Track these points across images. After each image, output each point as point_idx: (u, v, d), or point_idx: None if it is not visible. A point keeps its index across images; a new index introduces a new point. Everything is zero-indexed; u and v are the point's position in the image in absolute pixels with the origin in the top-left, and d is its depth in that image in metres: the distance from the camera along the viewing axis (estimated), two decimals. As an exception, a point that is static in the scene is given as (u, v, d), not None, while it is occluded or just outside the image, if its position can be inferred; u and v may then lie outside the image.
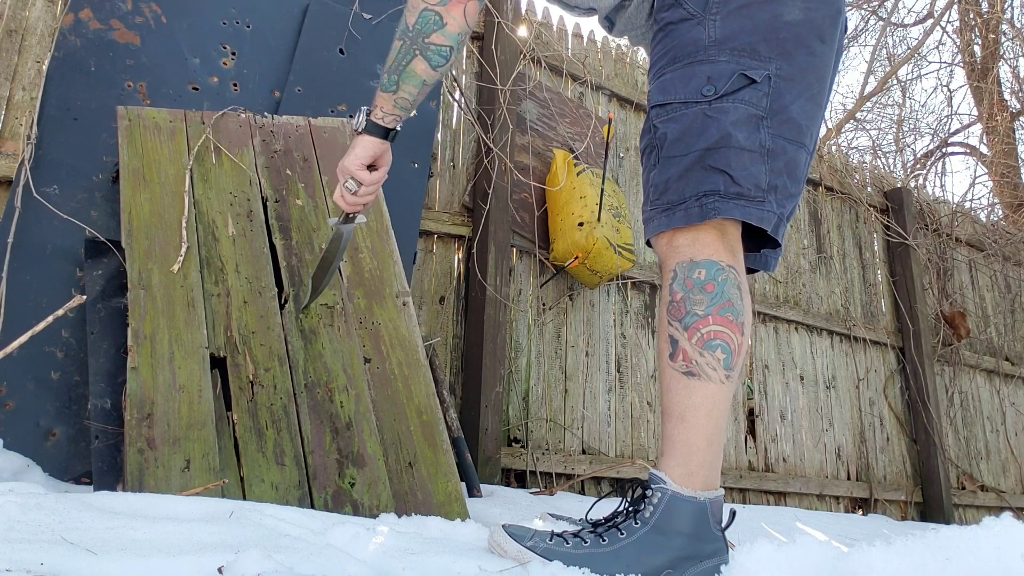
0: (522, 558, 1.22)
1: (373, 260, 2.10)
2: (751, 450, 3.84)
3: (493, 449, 2.84)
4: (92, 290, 2.03)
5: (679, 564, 1.23)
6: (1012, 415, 5.21)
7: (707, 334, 1.32)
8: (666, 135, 1.42)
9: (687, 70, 1.42)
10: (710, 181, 1.38)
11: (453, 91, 3.25)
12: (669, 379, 1.33)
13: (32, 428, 2.01)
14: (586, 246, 3.05)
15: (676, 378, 1.33)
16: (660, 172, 1.43)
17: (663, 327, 1.37)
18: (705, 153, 1.38)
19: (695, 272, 1.36)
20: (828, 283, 4.53)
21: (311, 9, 2.75)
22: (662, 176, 1.42)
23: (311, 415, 1.78)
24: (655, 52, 1.51)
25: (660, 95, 1.45)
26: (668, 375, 1.34)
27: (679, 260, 1.38)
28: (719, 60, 1.41)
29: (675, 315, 1.35)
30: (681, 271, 1.37)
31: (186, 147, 2.11)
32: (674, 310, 1.36)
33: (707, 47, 1.42)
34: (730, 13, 1.43)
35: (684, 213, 1.39)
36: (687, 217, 1.39)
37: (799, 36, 1.42)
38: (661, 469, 1.30)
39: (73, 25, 2.37)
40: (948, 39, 12.05)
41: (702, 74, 1.41)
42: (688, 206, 1.39)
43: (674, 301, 1.36)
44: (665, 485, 1.27)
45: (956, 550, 0.75)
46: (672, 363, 1.33)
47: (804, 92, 1.44)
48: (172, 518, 1.14)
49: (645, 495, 1.30)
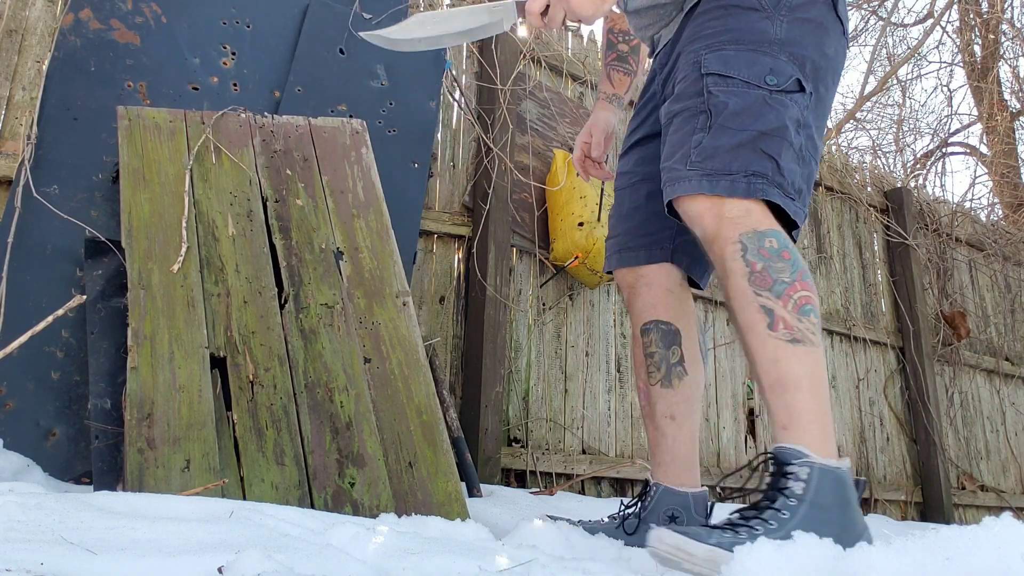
0: (715, 558, 1.13)
1: (373, 260, 2.10)
2: (751, 450, 3.84)
3: (493, 449, 2.84)
4: (92, 290, 2.03)
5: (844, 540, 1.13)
6: (1012, 415, 5.21)
7: (799, 300, 1.33)
8: (726, 104, 1.43)
9: (752, 55, 1.47)
10: (760, 163, 1.41)
11: (453, 91, 3.25)
12: (775, 349, 1.31)
13: (32, 428, 2.01)
14: (586, 246, 3.05)
15: (783, 347, 1.30)
16: (711, 138, 1.43)
17: (748, 298, 1.34)
18: (760, 136, 1.41)
19: (766, 241, 1.36)
20: (828, 283, 4.53)
21: (311, 9, 2.75)
22: (713, 142, 1.43)
23: (311, 415, 1.78)
24: (709, 26, 1.54)
25: (721, 66, 1.47)
26: (772, 345, 1.31)
27: (741, 231, 1.37)
28: (780, 58, 1.48)
29: (762, 284, 1.33)
30: (750, 241, 1.36)
31: (186, 147, 2.11)
32: (759, 280, 1.34)
33: (771, 42, 1.48)
34: (795, 21, 1.50)
35: (729, 184, 1.40)
36: (731, 189, 1.39)
37: (831, 70, 1.54)
38: (797, 442, 1.25)
39: (73, 25, 2.37)
40: (948, 39, 12.05)
41: (765, 64, 1.46)
42: (735, 179, 1.40)
43: (754, 271, 1.34)
44: (810, 458, 1.23)
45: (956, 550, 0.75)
46: (774, 332, 1.31)
47: (821, 120, 1.54)
48: (172, 518, 1.14)
49: (786, 472, 1.24)
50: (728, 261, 1.38)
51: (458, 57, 3.32)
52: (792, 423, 1.27)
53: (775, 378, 1.31)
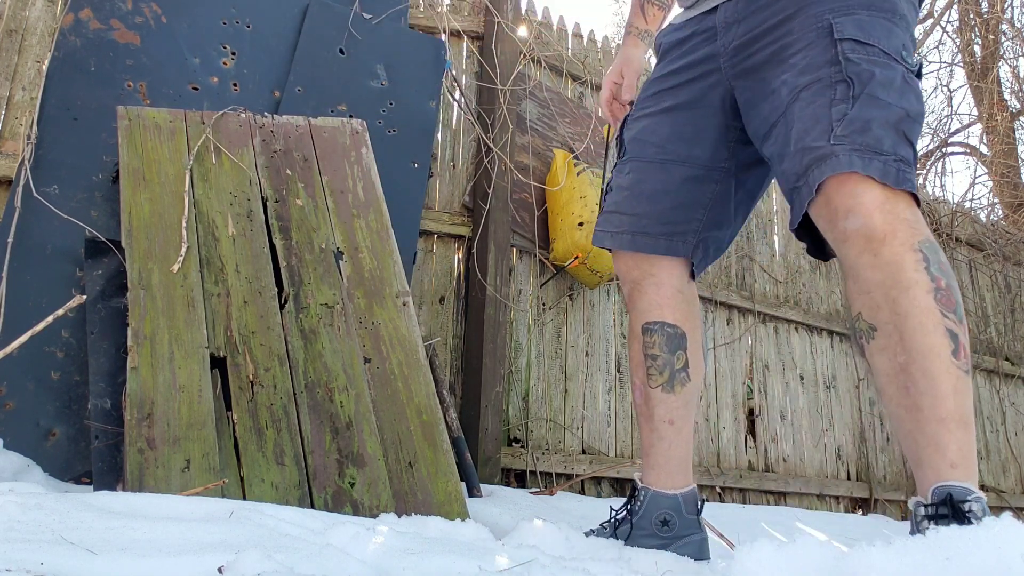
0: None
1: (373, 260, 2.10)
2: (751, 450, 3.84)
3: (493, 449, 2.84)
4: (92, 290, 2.03)
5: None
6: (1012, 415, 5.21)
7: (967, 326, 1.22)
8: (872, 74, 1.27)
9: (887, 25, 1.33)
10: (903, 148, 1.26)
11: (453, 91, 3.25)
12: (956, 380, 1.17)
13: (32, 428, 2.01)
14: (586, 246, 3.05)
15: (963, 379, 1.18)
16: (859, 109, 1.26)
17: (935, 319, 1.18)
18: (905, 117, 1.27)
19: (941, 254, 1.22)
20: (828, 283, 4.53)
21: (311, 9, 2.75)
22: (862, 113, 1.25)
23: (311, 415, 1.78)
24: None
25: (858, 31, 1.31)
26: (955, 375, 1.17)
27: (919, 238, 1.22)
28: (906, 36, 1.35)
29: (948, 305, 1.19)
30: (930, 252, 1.21)
31: (186, 147, 2.11)
32: (944, 299, 1.19)
33: (900, 16, 1.35)
34: (912, 6, 1.39)
35: (882, 166, 1.23)
36: (884, 172, 1.23)
37: None
38: (965, 481, 1.15)
39: (73, 25, 2.37)
40: (948, 39, 12.05)
41: (900, 38, 1.33)
42: (887, 162, 1.24)
43: (939, 288, 1.19)
44: (979, 496, 1.14)
45: (956, 550, 0.75)
46: (957, 361, 1.18)
47: None
48: (172, 518, 1.14)
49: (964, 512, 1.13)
50: (909, 271, 1.20)
51: (458, 57, 3.32)
52: (963, 462, 1.16)
53: (951, 411, 1.17)
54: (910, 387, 1.19)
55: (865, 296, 1.25)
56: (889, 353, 1.22)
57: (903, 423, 1.21)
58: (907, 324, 1.20)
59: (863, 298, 1.26)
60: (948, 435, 1.16)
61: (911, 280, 1.20)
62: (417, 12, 3.18)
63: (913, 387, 1.19)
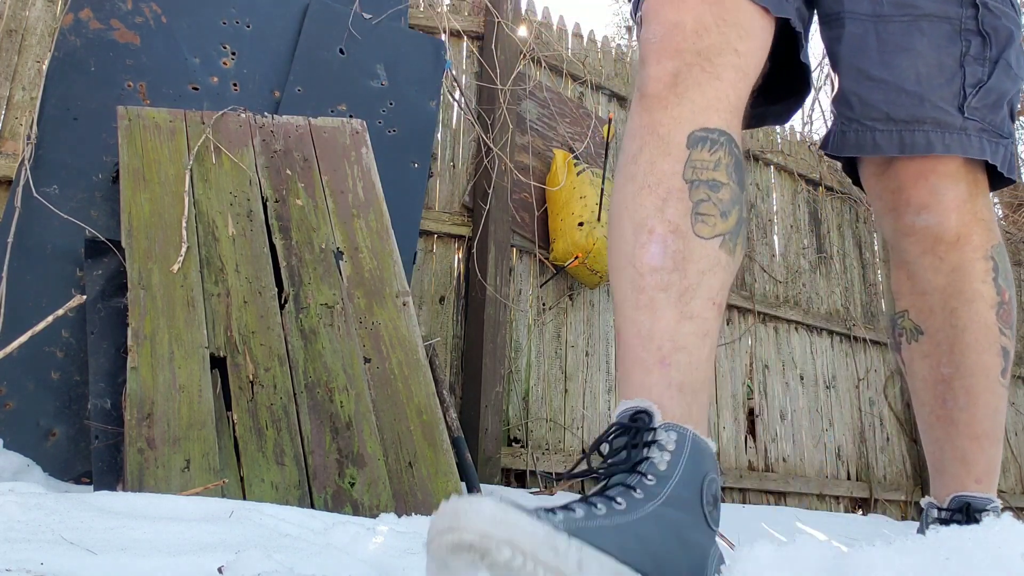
0: None
1: (373, 260, 2.10)
2: (751, 450, 3.84)
3: (493, 449, 2.84)
4: (92, 290, 2.03)
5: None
6: (1012, 415, 5.21)
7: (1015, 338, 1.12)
8: (1011, 35, 1.05)
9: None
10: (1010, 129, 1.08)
11: (453, 91, 3.25)
12: (999, 400, 1.09)
13: (32, 428, 2.01)
14: (586, 246, 3.05)
15: (1003, 398, 1.10)
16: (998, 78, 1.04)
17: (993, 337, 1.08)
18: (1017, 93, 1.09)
19: (1007, 261, 1.10)
20: (828, 283, 4.53)
21: (311, 9, 2.75)
22: (999, 84, 1.05)
23: (311, 415, 1.78)
24: None
25: None
26: (999, 395, 1.09)
27: (993, 243, 1.08)
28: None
29: (1007, 320, 1.09)
30: (1000, 258, 1.08)
31: (186, 147, 2.11)
32: (1005, 314, 1.09)
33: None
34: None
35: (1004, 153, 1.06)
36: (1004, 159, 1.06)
37: None
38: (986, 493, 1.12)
39: (73, 25, 2.37)
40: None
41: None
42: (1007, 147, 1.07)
43: (1003, 303, 1.08)
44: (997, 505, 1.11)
45: (956, 550, 0.75)
46: (1003, 380, 1.09)
47: None
48: (172, 518, 1.14)
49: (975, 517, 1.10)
50: (976, 282, 1.07)
51: (458, 57, 3.32)
52: (987, 478, 1.11)
53: (988, 429, 1.09)
54: (948, 400, 1.11)
55: (918, 297, 1.13)
56: (933, 361, 1.12)
57: (932, 430, 1.14)
58: (962, 339, 1.09)
59: (916, 298, 1.13)
60: (979, 452, 1.10)
61: (976, 293, 1.08)
62: (417, 12, 3.18)
63: (952, 402, 1.10)
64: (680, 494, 0.76)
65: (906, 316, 1.15)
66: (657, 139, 0.92)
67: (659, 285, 0.87)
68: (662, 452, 0.78)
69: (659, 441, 0.79)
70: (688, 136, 0.92)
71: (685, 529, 0.76)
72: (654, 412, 0.81)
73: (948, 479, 1.12)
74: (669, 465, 0.77)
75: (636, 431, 0.80)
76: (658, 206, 0.90)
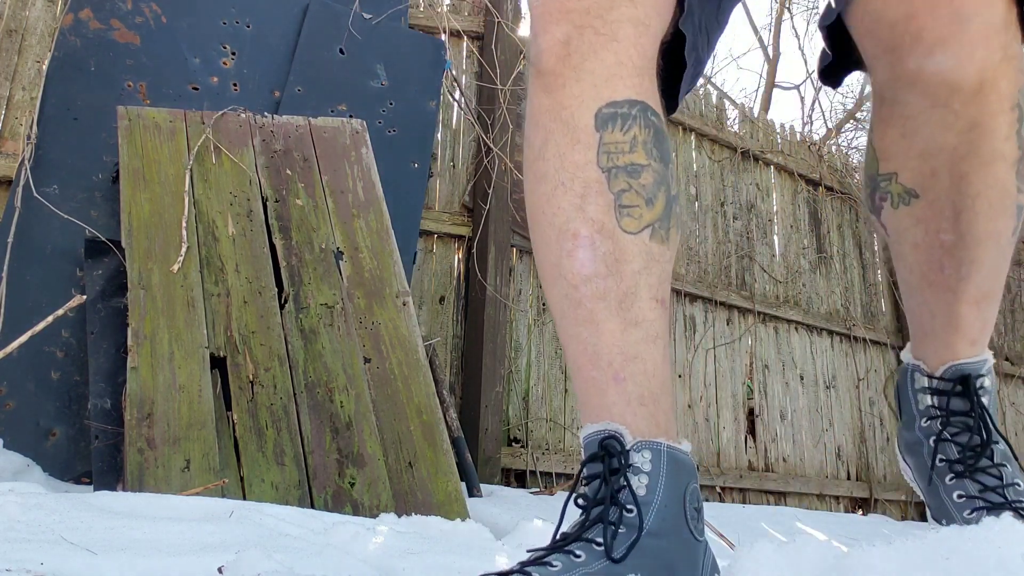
0: None
1: (373, 260, 2.10)
2: (751, 450, 3.84)
3: (493, 449, 2.84)
4: (92, 290, 2.03)
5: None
6: (1012, 415, 5.21)
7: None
8: None
9: None
10: None
11: (453, 91, 3.25)
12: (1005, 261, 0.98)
13: (32, 428, 2.01)
14: (586, 246, 3.05)
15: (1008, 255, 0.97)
16: None
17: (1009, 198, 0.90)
18: None
19: None
20: (828, 283, 4.53)
21: (311, 9, 2.75)
22: None
23: (311, 415, 1.78)
24: None
25: None
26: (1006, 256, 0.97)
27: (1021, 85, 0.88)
28: None
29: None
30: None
31: (186, 147, 2.11)
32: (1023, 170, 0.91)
33: None
34: None
35: None
36: None
37: None
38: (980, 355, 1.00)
39: (73, 25, 2.37)
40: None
41: None
42: None
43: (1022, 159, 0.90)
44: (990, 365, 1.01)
45: (956, 550, 0.75)
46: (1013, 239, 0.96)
47: None
48: (172, 518, 1.14)
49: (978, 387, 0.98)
50: (998, 140, 0.87)
51: (458, 57, 3.32)
52: (983, 337, 0.97)
53: (988, 291, 0.95)
54: (947, 268, 0.94)
55: (917, 160, 0.93)
56: (930, 227, 0.94)
57: (921, 293, 0.99)
58: (972, 207, 0.91)
59: (914, 161, 0.93)
60: (977, 315, 0.96)
61: (996, 153, 0.88)
62: (417, 12, 3.18)
63: (952, 270, 0.94)
64: (663, 516, 0.74)
65: (895, 179, 0.96)
66: (561, 125, 0.82)
67: (596, 294, 0.81)
68: (638, 476, 0.75)
69: (634, 464, 0.75)
70: (595, 116, 0.82)
71: (669, 554, 0.74)
72: (623, 435, 0.77)
73: (939, 345, 0.99)
74: (648, 489, 0.74)
75: (608, 456, 0.76)
76: (577, 205, 0.81)
